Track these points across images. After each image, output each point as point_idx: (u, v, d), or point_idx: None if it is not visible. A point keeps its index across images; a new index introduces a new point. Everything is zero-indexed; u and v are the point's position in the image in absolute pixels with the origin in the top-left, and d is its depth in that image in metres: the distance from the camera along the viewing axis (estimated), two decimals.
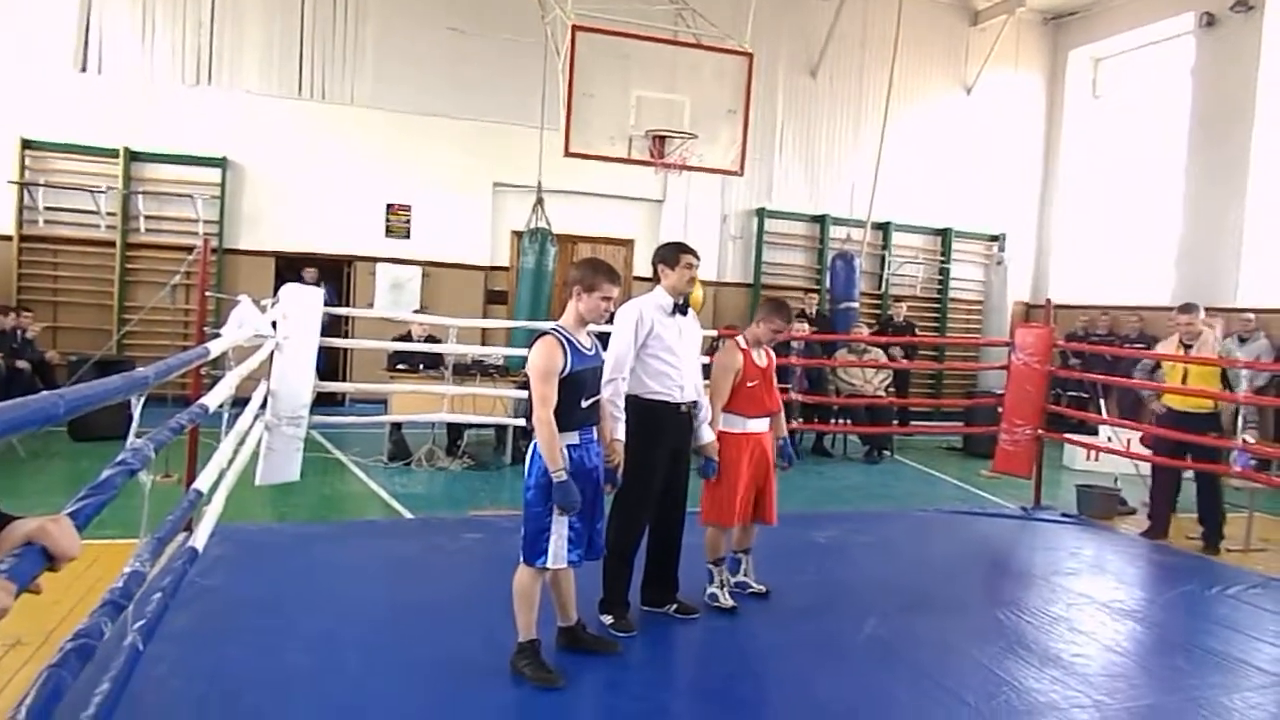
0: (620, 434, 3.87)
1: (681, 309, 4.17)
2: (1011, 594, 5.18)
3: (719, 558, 4.53)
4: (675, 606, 4.33)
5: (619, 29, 8.46)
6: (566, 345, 3.48)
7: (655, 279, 4.22)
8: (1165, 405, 6.66)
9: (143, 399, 2.53)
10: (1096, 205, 13.74)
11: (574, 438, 3.52)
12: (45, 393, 1.72)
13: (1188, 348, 6.42)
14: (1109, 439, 8.28)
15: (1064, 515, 7.18)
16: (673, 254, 4.18)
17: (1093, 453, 8.47)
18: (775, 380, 4.67)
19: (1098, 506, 7.30)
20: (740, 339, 4.58)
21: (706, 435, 4.31)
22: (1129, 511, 7.42)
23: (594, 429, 3.66)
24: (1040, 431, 7.33)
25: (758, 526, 4.69)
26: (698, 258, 4.23)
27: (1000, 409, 7.71)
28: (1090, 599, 5.04)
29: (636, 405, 4.00)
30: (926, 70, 13.47)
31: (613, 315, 3.81)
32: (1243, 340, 9.73)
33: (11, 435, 1.55)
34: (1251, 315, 10.14)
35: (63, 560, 1.35)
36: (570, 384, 3.46)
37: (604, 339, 3.98)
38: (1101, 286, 13.23)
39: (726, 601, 4.48)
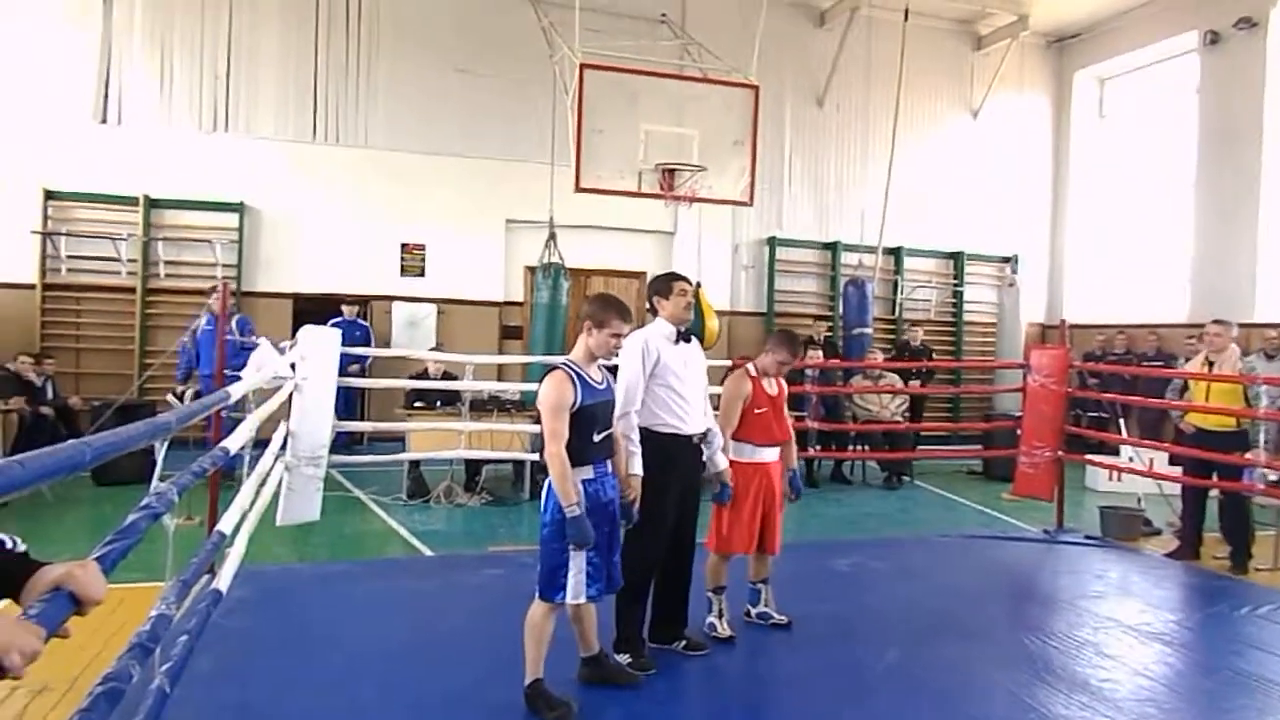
0: (637, 468, 3.85)
1: (684, 337, 4.19)
2: (1037, 619, 5.12)
3: (719, 585, 4.51)
4: (684, 644, 4.28)
5: (626, 66, 8.59)
6: (576, 380, 3.49)
7: (653, 312, 4.24)
8: (1193, 425, 6.61)
9: (166, 444, 2.57)
10: (1108, 224, 13.72)
11: (588, 472, 3.53)
12: (72, 441, 1.76)
13: (1212, 364, 6.38)
14: (1130, 459, 8.21)
15: (1087, 537, 7.11)
16: (665, 283, 4.20)
17: (1115, 473, 8.40)
18: (786, 410, 4.68)
19: (1121, 528, 7.22)
20: (750, 367, 4.61)
21: (721, 462, 4.30)
22: (1154, 532, 7.33)
23: (608, 462, 3.66)
24: (1060, 453, 7.28)
25: (771, 556, 4.67)
26: (690, 283, 4.26)
27: (1019, 431, 7.67)
28: (1117, 622, 4.98)
29: (649, 438, 3.97)
30: (932, 96, 13.56)
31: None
32: (1270, 357, 9.63)
33: (42, 483, 1.59)
34: (1275, 333, 10.04)
35: (89, 604, 1.38)
36: (581, 418, 3.47)
37: (614, 371, 3.99)
38: (1117, 305, 13.18)
39: (724, 631, 4.45)
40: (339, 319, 9.65)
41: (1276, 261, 11.01)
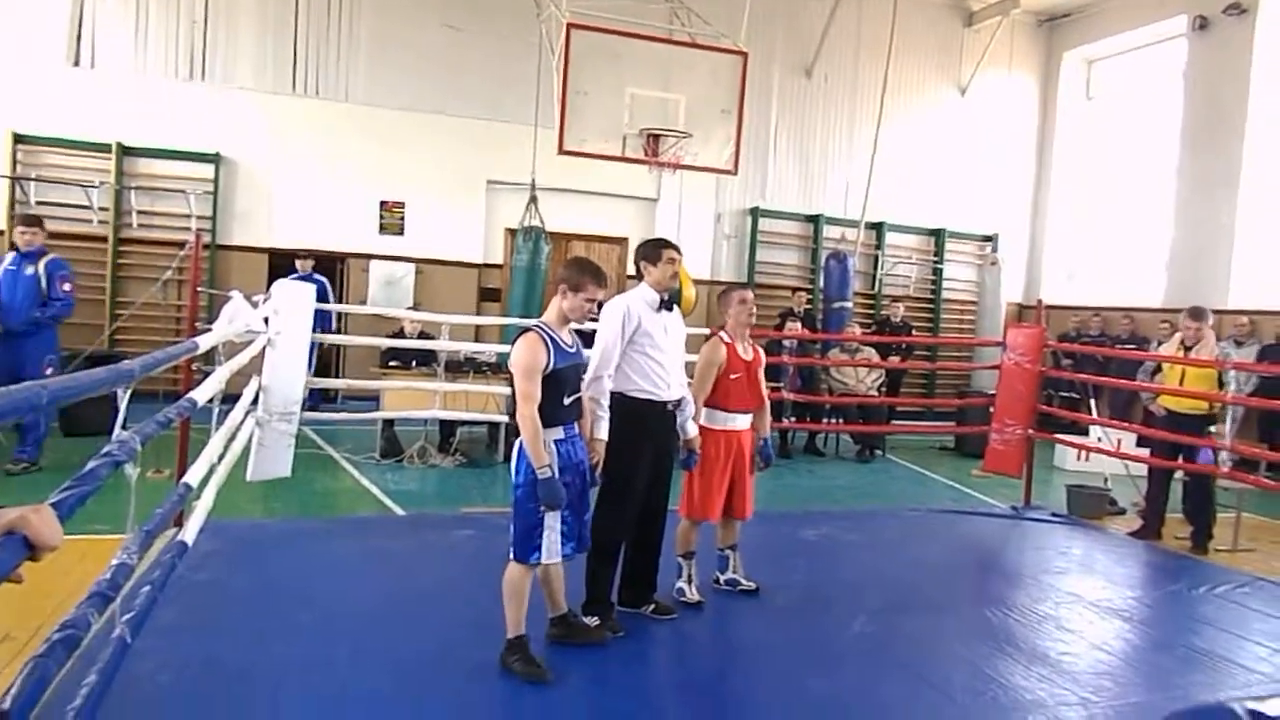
0: (602, 433, 3.86)
1: (667, 305, 4.17)
2: (1000, 592, 5.20)
3: (689, 551, 4.54)
4: (652, 607, 4.31)
5: (614, 27, 8.45)
6: (549, 342, 3.49)
7: (639, 277, 4.23)
8: (1164, 407, 6.71)
9: (129, 392, 2.52)
10: (1089, 206, 13.78)
11: (559, 432, 3.55)
12: (29, 383, 1.71)
13: (1188, 349, 6.46)
14: (1099, 439, 8.31)
15: (1054, 515, 7.21)
16: (654, 250, 4.19)
17: (1083, 453, 8.50)
18: (762, 376, 4.67)
19: (1087, 506, 7.33)
20: (723, 333, 4.60)
21: (691, 429, 4.31)
22: (1118, 511, 7.45)
23: (577, 424, 3.68)
24: (1031, 431, 7.36)
25: (740, 523, 4.70)
26: (679, 252, 4.24)
27: (992, 409, 7.74)
28: (1078, 598, 5.07)
29: (623, 404, 3.98)
30: (921, 71, 13.50)
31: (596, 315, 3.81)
32: (1239, 344, 9.78)
33: None
34: (1246, 319, 10.19)
35: (44, 550, 1.35)
36: (553, 381, 3.48)
37: (588, 336, 3.97)
38: (1094, 287, 13.28)
39: (693, 596, 4.48)
40: (295, 274, 9.28)
41: (1252, 249, 11.11)
